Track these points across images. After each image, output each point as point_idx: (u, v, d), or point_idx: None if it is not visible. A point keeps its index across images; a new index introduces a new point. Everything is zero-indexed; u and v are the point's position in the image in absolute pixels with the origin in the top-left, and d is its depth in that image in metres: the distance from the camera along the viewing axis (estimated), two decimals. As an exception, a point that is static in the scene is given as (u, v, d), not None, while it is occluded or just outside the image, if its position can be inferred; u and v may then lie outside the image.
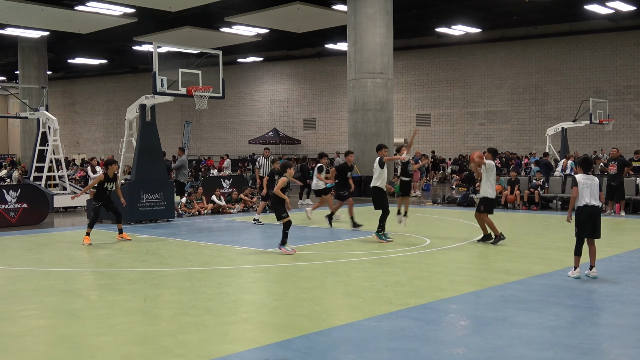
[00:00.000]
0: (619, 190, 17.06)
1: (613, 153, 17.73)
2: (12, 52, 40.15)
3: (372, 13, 24.49)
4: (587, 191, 8.47)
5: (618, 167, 17.12)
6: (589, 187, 8.49)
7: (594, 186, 8.53)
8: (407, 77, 40.83)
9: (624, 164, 17.45)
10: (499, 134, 38.07)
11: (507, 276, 8.72)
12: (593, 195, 8.48)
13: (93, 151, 52.67)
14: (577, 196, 8.49)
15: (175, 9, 28.37)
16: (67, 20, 30.21)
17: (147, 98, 16.10)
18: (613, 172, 17.06)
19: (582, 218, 8.51)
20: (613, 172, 17.06)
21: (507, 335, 5.87)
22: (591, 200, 8.46)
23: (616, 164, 17.15)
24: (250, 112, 47.58)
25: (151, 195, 15.97)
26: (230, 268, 9.59)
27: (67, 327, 6.35)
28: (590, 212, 8.47)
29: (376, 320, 6.42)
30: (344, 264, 9.84)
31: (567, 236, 13.22)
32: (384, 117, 25.05)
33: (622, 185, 17.20)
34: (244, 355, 5.37)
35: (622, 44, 34.42)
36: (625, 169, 17.39)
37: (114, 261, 10.36)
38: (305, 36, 36.09)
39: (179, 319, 6.51)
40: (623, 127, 34.24)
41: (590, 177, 8.59)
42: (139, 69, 49.93)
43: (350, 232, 14.07)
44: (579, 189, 8.49)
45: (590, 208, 8.46)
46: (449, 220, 16.57)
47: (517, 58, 37.36)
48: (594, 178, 8.62)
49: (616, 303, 7.20)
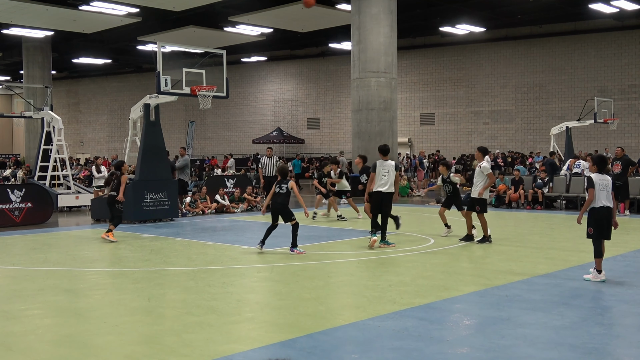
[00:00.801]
0: (623, 190, 17.03)
1: (617, 152, 17.69)
2: (16, 51, 40.24)
3: (376, 12, 24.47)
4: (603, 192, 8.22)
5: (622, 167, 17.09)
6: (605, 188, 8.25)
7: (609, 187, 8.31)
8: (411, 77, 40.78)
9: (629, 163, 17.42)
10: (503, 133, 38.00)
11: (511, 276, 8.71)
12: (608, 197, 8.26)
13: (97, 151, 52.77)
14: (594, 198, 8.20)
15: (180, 9, 28.38)
16: (71, 20, 30.27)
17: (151, 97, 16.12)
18: (618, 171, 17.03)
19: (599, 219, 8.21)
20: (618, 171, 17.03)
21: (511, 335, 5.86)
22: (606, 201, 8.23)
23: (620, 163, 17.12)
24: (254, 111, 47.60)
25: (155, 195, 15.99)
26: (234, 267, 9.60)
27: (71, 326, 6.36)
28: (606, 213, 8.23)
29: (380, 319, 6.41)
30: (347, 264, 9.84)
31: (571, 236, 13.20)
32: (387, 116, 25.03)
33: (626, 184, 17.16)
34: (248, 354, 5.37)
35: (627, 43, 34.31)
36: (630, 169, 17.35)
37: (118, 260, 10.38)
38: (309, 35, 36.08)
39: (183, 319, 6.52)
40: (628, 127, 34.13)
41: (605, 177, 8.34)
42: (143, 68, 49.99)
43: (353, 231, 14.06)
44: (596, 190, 8.19)
45: (606, 209, 8.23)
46: (453, 219, 16.54)
47: (521, 57, 37.28)
48: (608, 178, 8.38)
49: (621, 303, 7.18)
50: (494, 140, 37.70)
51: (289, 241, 10.75)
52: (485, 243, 11.79)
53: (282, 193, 10.73)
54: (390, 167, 11.50)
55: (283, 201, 10.70)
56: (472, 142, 38.77)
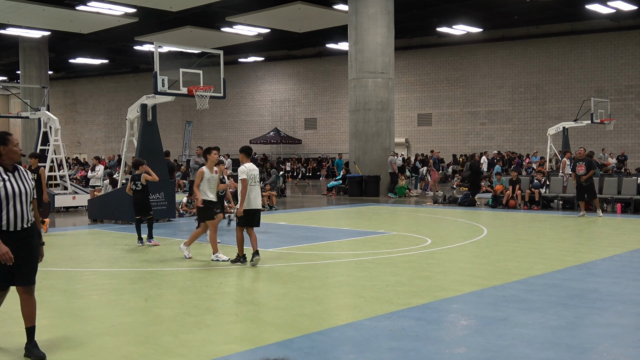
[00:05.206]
0: (590, 191, 16.87)
1: (580, 153, 17.41)
2: (13, 52, 40.19)
3: (373, 13, 24.48)
4: None
5: (586, 168, 16.81)
6: None
7: None
8: (408, 77, 40.81)
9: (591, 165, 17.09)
10: (500, 133, 38.04)
11: (508, 276, 8.72)
12: None
13: (94, 151, 52.68)
14: None
15: (176, 9, 28.38)
16: (68, 20, 30.24)
17: (148, 98, 16.10)
18: (581, 172, 16.77)
19: None
20: (581, 172, 16.77)
21: (508, 335, 5.87)
22: None
23: (584, 164, 16.87)
24: (251, 111, 47.58)
25: (152, 195, 15.94)
26: (231, 268, 9.59)
27: (68, 327, 6.35)
28: None
29: (377, 320, 6.41)
30: (345, 264, 9.84)
31: (568, 236, 13.22)
32: (385, 116, 25.05)
33: (592, 185, 17.00)
34: (245, 355, 5.37)
35: (623, 44, 34.38)
36: (591, 171, 16.99)
37: (115, 261, 10.36)
38: (306, 36, 36.10)
39: (180, 319, 6.51)
40: (624, 127, 34.20)
41: None
42: (140, 68, 49.94)
43: (351, 232, 14.06)
44: None
45: None
46: (450, 220, 16.55)
47: (518, 58, 37.33)
48: None
49: (617, 303, 7.20)
50: (491, 141, 37.73)
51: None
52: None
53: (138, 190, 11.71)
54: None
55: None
56: (469, 142, 38.82)
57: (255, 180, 9.57)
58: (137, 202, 12.12)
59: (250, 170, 9.56)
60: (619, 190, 18.54)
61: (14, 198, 5.22)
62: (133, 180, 12.15)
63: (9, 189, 5.22)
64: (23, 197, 5.28)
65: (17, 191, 5.25)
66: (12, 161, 5.32)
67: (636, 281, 8.41)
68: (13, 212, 5.21)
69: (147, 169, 12.16)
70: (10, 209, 5.20)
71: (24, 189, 5.31)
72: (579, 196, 17.18)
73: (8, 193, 5.20)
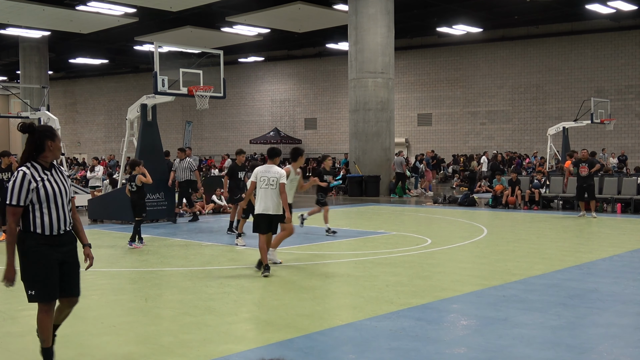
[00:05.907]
0: (590, 191, 16.89)
1: (584, 154, 17.44)
2: (13, 52, 40.18)
3: (373, 13, 24.49)
4: None
5: (589, 169, 16.83)
6: None
7: None
8: (408, 77, 40.80)
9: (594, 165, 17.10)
10: (500, 133, 38.04)
11: (508, 276, 8.72)
12: None
13: (94, 151, 52.67)
14: None
15: (176, 9, 28.37)
16: (68, 20, 30.24)
17: (148, 98, 16.11)
18: (584, 174, 16.77)
19: None
20: (584, 174, 16.77)
21: (508, 335, 5.87)
22: None
23: (587, 165, 16.89)
24: (251, 111, 47.57)
25: (152, 195, 15.96)
26: (231, 268, 9.60)
27: (68, 326, 6.33)
28: None
29: (377, 320, 6.41)
30: (345, 264, 9.84)
31: (568, 236, 13.22)
32: (385, 116, 25.05)
33: (593, 186, 17.03)
34: (245, 355, 5.37)
35: (623, 44, 34.38)
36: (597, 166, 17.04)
37: (115, 261, 10.36)
38: (306, 36, 36.08)
39: (180, 319, 6.51)
40: (624, 127, 34.19)
41: None
42: (140, 68, 49.93)
43: (351, 232, 14.05)
44: None
45: None
46: (450, 220, 16.56)
47: (518, 58, 37.32)
48: None
49: (617, 303, 7.19)
50: (491, 141, 37.72)
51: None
52: None
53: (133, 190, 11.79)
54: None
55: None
56: (469, 142, 38.82)
57: (269, 183, 8.93)
58: (131, 203, 12.18)
59: (262, 173, 9.02)
60: (619, 190, 18.56)
61: (54, 198, 4.76)
62: (129, 180, 12.19)
63: (49, 189, 4.75)
64: (64, 196, 4.84)
65: (57, 190, 4.78)
66: (55, 158, 4.93)
67: (636, 281, 8.40)
68: (55, 214, 4.77)
69: (143, 170, 12.12)
70: (52, 211, 4.76)
71: (63, 188, 4.85)
72: (579, 196, 17.19)
73: (48, 193, 4.74)
